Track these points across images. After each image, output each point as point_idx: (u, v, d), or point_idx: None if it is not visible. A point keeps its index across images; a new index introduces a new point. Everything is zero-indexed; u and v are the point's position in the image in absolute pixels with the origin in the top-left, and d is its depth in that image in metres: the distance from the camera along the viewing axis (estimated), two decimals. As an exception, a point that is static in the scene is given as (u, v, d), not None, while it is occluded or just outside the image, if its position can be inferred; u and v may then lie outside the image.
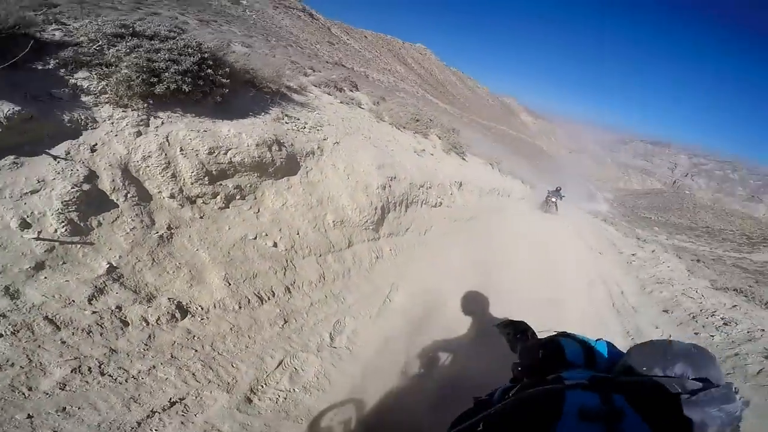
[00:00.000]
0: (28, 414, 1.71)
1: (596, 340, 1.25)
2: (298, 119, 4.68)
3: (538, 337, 1.54)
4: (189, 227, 2.99)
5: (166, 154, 3.03)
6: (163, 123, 3.24)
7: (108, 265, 2.35)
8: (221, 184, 3.35)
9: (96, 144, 2.76)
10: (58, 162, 2.47)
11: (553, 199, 13.67)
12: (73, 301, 2.09)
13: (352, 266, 3.98)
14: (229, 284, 2.85)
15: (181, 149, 3.15)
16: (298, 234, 3.69)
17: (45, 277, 2.09)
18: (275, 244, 3.45)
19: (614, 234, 14.55)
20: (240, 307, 2.79)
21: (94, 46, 3.31)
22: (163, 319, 2.37)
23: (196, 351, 2.35)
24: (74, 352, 1.95)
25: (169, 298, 2.48)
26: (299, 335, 2.88)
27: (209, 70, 3.58)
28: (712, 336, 4.50)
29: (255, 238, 3.36)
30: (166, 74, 3.24)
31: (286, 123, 4.42)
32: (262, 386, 2.38)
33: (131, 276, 2.42)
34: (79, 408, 1.83)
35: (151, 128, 3.13)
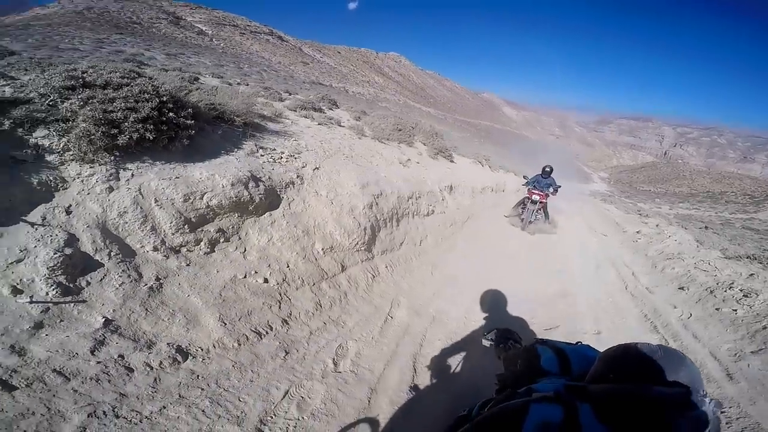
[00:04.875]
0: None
1: (576, 344, 1.23)
2: (274, 150, 4.57)
3: (542, 336, 1.55)
4: (177, 276, 2.94)
5: (141, 208, 2.96)
6: (133, 175, 3.13)
7: (104, 319, 2.38)
8: (203, 230, 3.27)
9: (70, 205, 2.69)
10: (36, 229, 2.45)
11: (537, 196, 8.14)
12: (77, 354, 2.17)
13: (348, 290, 3.90)
14: (225, 324, 2.83)
15: (156, 200, 3.07)
16: (288, 267, 3.61)
17: (46, 335, 2.17)
18: (266, 280, 3.37)
19: (615, 213, 14.39)
20: (239, 345, 2.78)
21: (47, 102, 3.16)
22: (165, 363, 2.39)
23: (202, 389, 2.37)
24: (87, 399, 2.03)
25: (168, 343, 2.50)
26: (302, 364, 2.85)
27: (171, 114, 3.44)
28: (735, 310, 4.22)
29: (245, 277, 3.28)
30: (126, 124, 3.11)
31: (261, 156, 4.29)
32: (272, 417, 2.39)
33: (128, 327, 2.46)
34: (101, 449, 1.96)
35: (122, 182, 3.03)
